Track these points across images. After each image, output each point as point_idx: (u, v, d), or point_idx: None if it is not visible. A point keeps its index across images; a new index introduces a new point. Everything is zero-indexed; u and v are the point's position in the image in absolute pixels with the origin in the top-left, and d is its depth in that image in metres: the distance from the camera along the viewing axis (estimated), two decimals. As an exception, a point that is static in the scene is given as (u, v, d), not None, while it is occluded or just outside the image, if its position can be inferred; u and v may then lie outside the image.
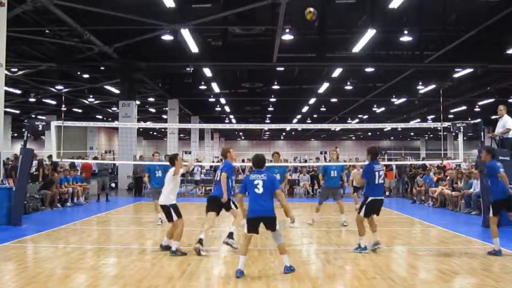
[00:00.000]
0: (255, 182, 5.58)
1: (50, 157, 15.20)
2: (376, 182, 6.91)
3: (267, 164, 10.93)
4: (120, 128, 20.54)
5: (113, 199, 15.85)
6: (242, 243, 5.76)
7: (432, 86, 22.57)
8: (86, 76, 21.77)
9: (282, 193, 5.82)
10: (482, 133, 10.14)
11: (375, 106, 32.33)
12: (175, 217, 6.76)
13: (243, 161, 23.04)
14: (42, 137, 35.17)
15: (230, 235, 6.96)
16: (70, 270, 5.82)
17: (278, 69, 20.15)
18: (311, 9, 9.83)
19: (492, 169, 6.90)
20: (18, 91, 24.03)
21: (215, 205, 6.88)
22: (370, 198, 6.89)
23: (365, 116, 36.79)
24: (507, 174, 7.02)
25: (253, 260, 6.31)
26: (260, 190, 5.55)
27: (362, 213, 6.91)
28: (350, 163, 20.13)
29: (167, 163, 10.38)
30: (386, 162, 19.80)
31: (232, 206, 6.97)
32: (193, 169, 18.55)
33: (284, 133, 57.06)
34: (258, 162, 5.82)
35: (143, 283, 5.22)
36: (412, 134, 57.59)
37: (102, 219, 11.15)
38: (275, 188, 5.63)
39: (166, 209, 6.84)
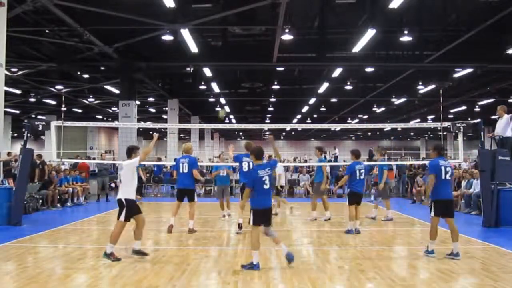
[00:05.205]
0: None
1: (40, 156, 15.18)
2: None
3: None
4: (120, 128, 20.52)
5: (113, 199, 15.82)
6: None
7: (432, 86, 22.55)
8: (86, 76, 21.72)
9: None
10: (482, 133, 10.16)
11: (375, 106, 32.29)
12: (122, 218, 6.59)
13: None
14: (42, 137, 35.17)
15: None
16: (70, 270, 5.82)
17: (278, 69, 20.09)
18: None
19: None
20: (18, 91, 23.97)
21: None
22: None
23: (365, 116, 36.75)
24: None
25: (253, 260, 6.30)
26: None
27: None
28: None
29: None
30: (387, 162, 19.75)
31: None
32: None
33: (284, 133, 57.03)
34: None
35: (143, 283, 5.22)
36: (412, 134, 57.58)
37: (102, 219, 11.15)
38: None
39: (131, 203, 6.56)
